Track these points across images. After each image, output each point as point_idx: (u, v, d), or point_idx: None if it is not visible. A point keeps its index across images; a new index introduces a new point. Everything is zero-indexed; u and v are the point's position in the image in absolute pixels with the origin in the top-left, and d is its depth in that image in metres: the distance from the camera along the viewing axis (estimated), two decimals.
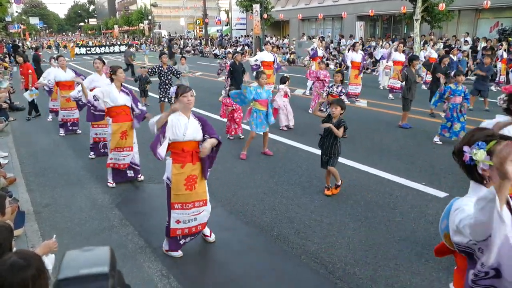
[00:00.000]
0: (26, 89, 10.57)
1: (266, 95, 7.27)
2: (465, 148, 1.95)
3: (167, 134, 3.96)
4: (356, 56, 12.99)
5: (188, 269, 4.05)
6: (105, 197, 5.83)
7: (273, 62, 12.67)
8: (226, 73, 12.79)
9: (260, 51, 17.64)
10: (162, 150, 3.95)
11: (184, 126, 3.99)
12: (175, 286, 3.77)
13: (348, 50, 16.84)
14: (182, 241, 4.25)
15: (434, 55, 15.38)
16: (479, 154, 1.88)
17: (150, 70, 10.41)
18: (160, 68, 10.22)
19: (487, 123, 3.83)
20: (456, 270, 2.37)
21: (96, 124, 7.35)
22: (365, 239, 4.54)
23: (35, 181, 6.46)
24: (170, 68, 10.36)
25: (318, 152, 7.61)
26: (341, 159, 6.03)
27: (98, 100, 6.06)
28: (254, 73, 8.04)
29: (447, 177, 6.29)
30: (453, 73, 8.61)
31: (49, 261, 3.00)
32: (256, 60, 12.68)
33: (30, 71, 10.62)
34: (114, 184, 6.20)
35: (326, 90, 8.48)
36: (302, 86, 15.36)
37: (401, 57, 13.83)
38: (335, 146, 5.59)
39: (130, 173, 6.31)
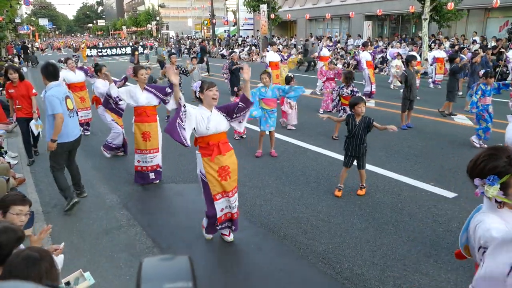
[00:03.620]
0: (25, 118, 7.18)
1: (272, 94, 7.25)
2: (476, 182, 1.82)
3: (191, 126, 3.99)
4: (368, 56, 13.04)
5: (195, 269, 4.06)
6: (113, 197, 5.86)
7: (280, 61, 12.74)
8: (225, 73, 13.01)
9: (267, 52, 17.69)
10: (186, 135, 3.97)
11: (206, 120, 4.04)
12: None
13: (357, 51, 16.79)
14: (219, 227, 4.40)
15: (442, 55, 15.28)
16: (491, 191, 1.75)
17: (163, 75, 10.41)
18: None
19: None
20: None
21: (120, 125, 7.63)
22: (373, 239, 4.52)
23: (44, 181, 6.51)
24: (179, 67, 10.39)
25: (326, 152, 7.65)
26: None
27: (121, 100, 6.11)
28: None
29: (456, 177, 6.24)
30: (481, 72, 8.35)
31: (58, 261, 3.03)
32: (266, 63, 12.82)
33: (34, 91, 7.25)
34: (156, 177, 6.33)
35: (336, 91, 8.37)
36: (309, 86, 15.31)
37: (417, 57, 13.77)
38: (363, 146, 5.56)
39: (152, 176, 6.29)
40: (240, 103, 4.10)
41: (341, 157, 7.17)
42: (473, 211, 2.08)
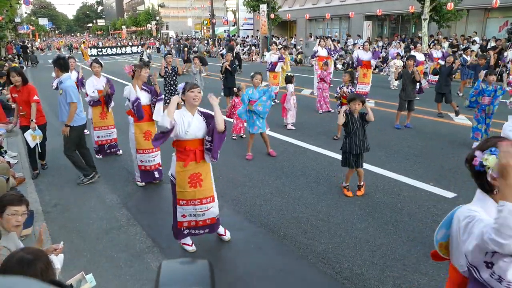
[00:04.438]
0: (25, 127, 6.49)
1: (259, 95, 7.15)
2: (477, 153, 1.85)
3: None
4: (365, 55, 12.93)
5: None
6: (113, 196, 5.87)
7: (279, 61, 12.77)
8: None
9: (268, 51, 17.72)
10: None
11: (187, 124, 4.00)
12: None
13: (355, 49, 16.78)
14: (186, 231, 4.28)
15: (438, 54, 15.28)
16: (490, 160, 1.77)
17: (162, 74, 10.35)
18: (165, 69, 10.26)
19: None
20: (447, 283, 2.17)
21: (98, 126, 7.46)
22: (372, 239, 4.52)
23: (44, 181, 6.52)
24: (175, 69, 10.36)
25: (326, 152, 7.65)
26: None
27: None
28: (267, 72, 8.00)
29: (455, 177, 6.25)
30: (484, 72, 8.34)
31: (57, 260, 3.03)
32: (270, 63, 12.75)
33: (36, 97, 6.38)
34: (143, 183, 6.24)
35: (337, 91, 8.36)
36: (309, 86, 15.32)
37: (420, 57, 13.75)
38: (366, 141, 5.50)
39: (157, 174, 6.27)
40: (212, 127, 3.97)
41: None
42: (453, 210, 2.05)
